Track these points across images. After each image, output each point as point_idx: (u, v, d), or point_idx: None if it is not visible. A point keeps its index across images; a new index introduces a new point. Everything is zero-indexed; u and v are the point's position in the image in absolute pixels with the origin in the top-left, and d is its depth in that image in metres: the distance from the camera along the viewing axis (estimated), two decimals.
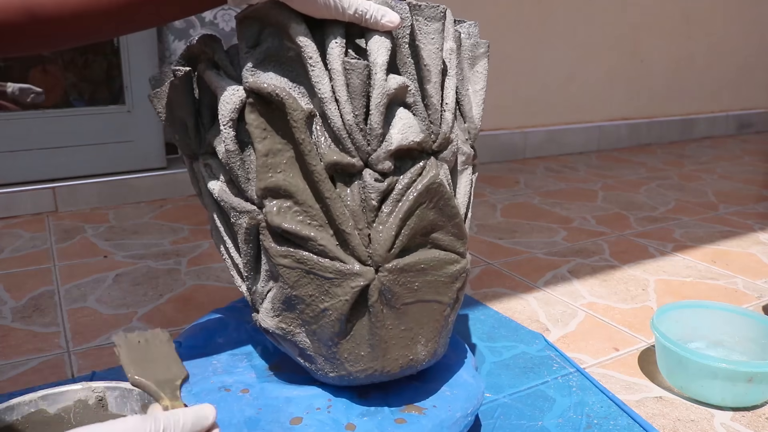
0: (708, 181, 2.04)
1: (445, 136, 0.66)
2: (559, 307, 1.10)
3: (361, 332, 0.64)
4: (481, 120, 0.74)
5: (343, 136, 0.60)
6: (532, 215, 1.62)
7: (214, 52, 0.66)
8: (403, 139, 0.61)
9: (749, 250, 1.39)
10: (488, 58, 0.73)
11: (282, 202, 0.62)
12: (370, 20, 0.60)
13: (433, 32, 0.64)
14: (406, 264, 0.63)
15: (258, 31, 0.63)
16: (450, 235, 0.66)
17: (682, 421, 0.79)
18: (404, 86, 0.62)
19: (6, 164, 1.54)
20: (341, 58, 0.60)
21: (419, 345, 0.66)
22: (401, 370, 0.67)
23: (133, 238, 1.39)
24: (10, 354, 0.91)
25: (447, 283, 0.66)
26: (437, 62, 0.64)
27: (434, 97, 0.65)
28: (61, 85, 1.70)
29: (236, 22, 0.64)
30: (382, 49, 0.61)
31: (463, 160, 0.71)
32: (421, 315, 0.66)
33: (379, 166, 0.61)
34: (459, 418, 0.66)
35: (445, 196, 0.64)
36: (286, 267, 0.63)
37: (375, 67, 0.60)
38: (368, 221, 0.62)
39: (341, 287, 0.62)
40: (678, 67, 2.69)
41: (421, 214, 0.63)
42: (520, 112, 2.27)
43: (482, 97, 0.73)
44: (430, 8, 0.63)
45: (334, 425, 0.64)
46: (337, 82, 0.60)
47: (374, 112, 0.60)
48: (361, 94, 0.60)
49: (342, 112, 0.60)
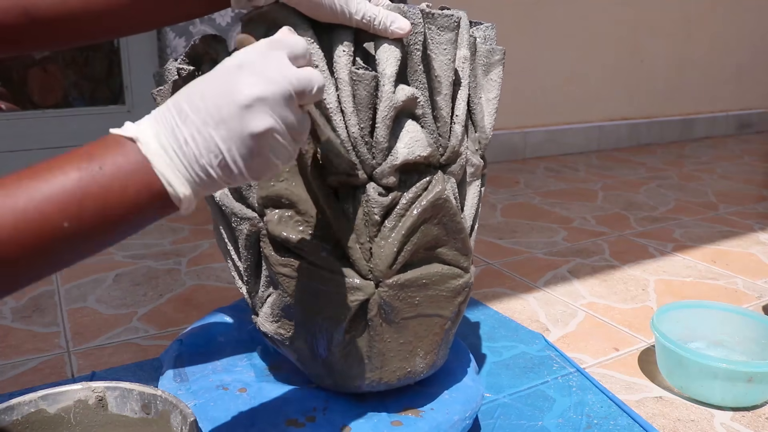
0: (708, 181, 2.04)
1: (453, 149, 0.64)
2: (559, 307, 1.09)
3: (360, 344, 0.64)
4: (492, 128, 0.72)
5: (348, 148, 0.59)
6: (532, 215, 1.62)
7: (217, 53, 0.65)
8: (409, 154, 0.60)
9: (749, 250, 1.39)
10: (503, 65, 0.70)
11: (283, 211, 0.61)
12: (379, 27, 0.57)
13: (445, 42, 0.61)
14: (407, 280, 0.62)
15: (264, 34, 0.61)
16: (454, 250, 0.65)
17: (682, 421, 0.79)
18: (413, 98, 0.60)
19: (6, 164, 1.54)
20: (348, 68, 0.58)
21: (418, 357, 0.66)
22: (399, 381, 0.66)
23: (133, 238, 1.39)
24: (10, 354, 0.91)
25: (449, 298, 0.65)
26: (448, 74, 0.62)
27: (444, 110, 0.63)
28: (60, 84, 1.70)
29: (241, 24, 0.62)
30: (391, 59, 0.58)
31: (472, 172, 0.69)
32: (421, 329, 0.65)
33: (384, 181, 0.60)
34: (456, 421, 0.66)
35: (450, 211, 0.62)
36: (286, 276, 0.62)
37: (383, 78, 0.58)
38: (370, 236, 0.61)
39: (341, 299, 0.61)
40: (678, 67, 2.69)
41: (425, 230, 0.62)
42: (520, 112, 2.27)
43: (495, 106, 0.70)
44: (443, 17, 0.61)
45: (330, 427, 0.64)
46: (343, 93, 0.58)
47: (380, 125, 0.58)
48: (368, 106, 0.58)
49: (347, 123, 0.58)
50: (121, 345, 0.94)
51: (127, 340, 0.96)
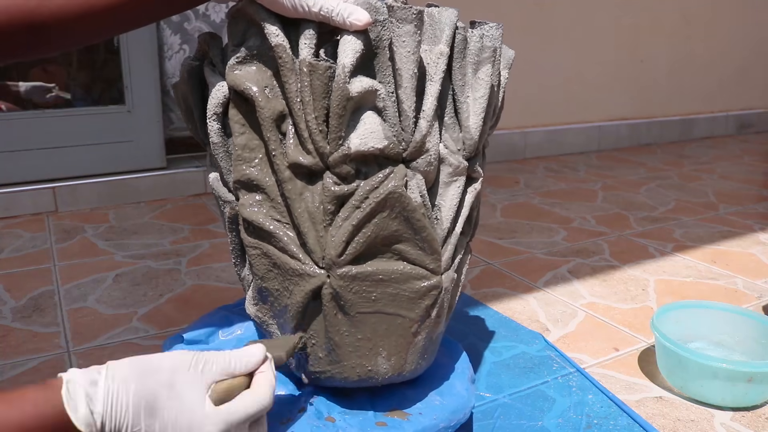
0: (708, 181, 2.04)
1: (417, 144, 0.63)
2: (559, 307, 1.10)
3: (320, 335, 0.64)
4: (480, 129, 0.69)
5: (305, 137, 0.60)
6: (532, 215, 1.62)
7: (210, 49, 0.68)
8: (361, 144, 0.60)
9: (749, 250, 1.39)
10: (493, 64, 0.68)
11: (254, 195, 0.64)
12: (337, 19, 0.58)
13: (404, 35, 0.61)
14: (360, 272, 0.61)
15: (244, 29, 0.64)
16: (418, 249, 0.64)
17: (682, 421, 0.79)
18: (372, 90, 0.60)
19: (6, 164, 1.54)
20: (307, 59, 0.59)
21: (380, 357, 0.65)
22: (360, 380, 0.66)
23: (133, 238, 1.39)
24: (10, 354, 0.91)
25: (412, 299, 0.64)
26: (409, 66, 0.62)
27: (406, 103, 0.63)
28: (61, 85, 1.70)
29: (227, 20, 0.65)
30: (348, 50, 0.59)
31: (450, 172, 0.67)
32: (381, 327, 0.64)
33: (337, 170, 0.60)
34: (442, 428, 0.65)
35: (408, 206, 0.62)
36: (256, 258, 0.64)
37: (338, 68, 0.59)
38: (325, 225, 0.61)
39: (297, 286, 0.62)
40: (678, 67, 2.69)
41: (380, 223, 0.61)
42: (520, 112, 2.27)
43: (483, 105, 0.69)
44: (402, 9, 0.61)
45: (315, 414, 0.65)
46: (302, 82, 0.59)
47: (332, 114, 0.59)
48: (322, 95, 0.59)
49: (305, 111, 0.60)
50: (121, 345, 0.94)
51: (127, 340, 0.96)
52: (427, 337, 0.67)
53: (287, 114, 0.62)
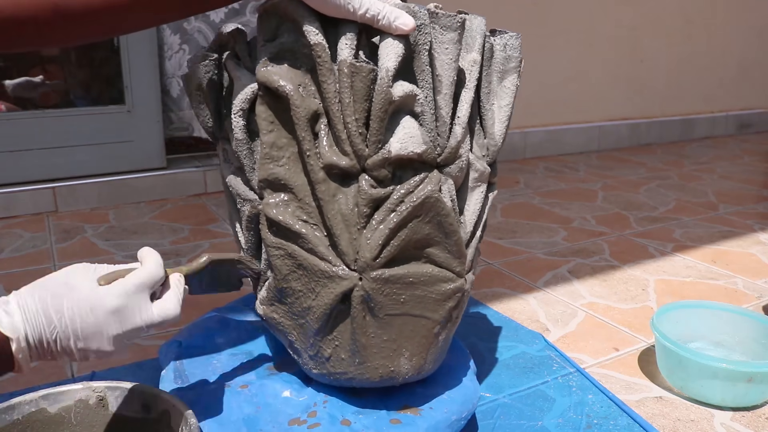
0: (708, 181, 2.04)
1: (452, 150, 0.64)
2: (559, 307, 1.10)
3: (344, 336, 0.64)
4: (504, 136, 0.70)
5: (343, 138, 0.60)
6: (532, 215, 1.62)
7: (236, 43, 0.67)
8: (401, 149, 0.60)
9: (749, 250, 1.39)
10: (519, 74, 0.70)
11: (281, 195, 0.62)
12: (383, 22, 0.58)
13: (447, 42, 0.62)
14: (392, 275, 0.62)
15: (276, 25, 0.63)
16: (446, 252, 0.64)
17: (682, 421, 0.79)
18: (412, 95, 0.61)
19: (6, 164, 1.54)
20: (348, 59, 0.59)
21: (402, 358, 0.65)
22: (381, 380, 0.66)
23: (133, 238, 1.39)
24: None
25: (438, 301, 0.65)
26: (449, 73, 0.62)
27: (443, 109, 0.63)
28: (61, 84, 1.70)
29: (257, 15, 0.64)
30: (391, 54, 0.59)
31: (476, 177, 0.69)
32: (407, 328, 0.64)
33: (375, 173, 0.60)
34: (454, 421, 0.66)
35: (442, 211, 0.62)
36: (279, 258, 0.63)
37: (381, 71, 0.58)
38: (359, 227, 0.61)
39: (326, 287, 0.62)
40: (678, 67, 2.69)
41: (414, 227, 0.62)
42: (520, 111, 2.26)
43: (507, 113, 0.70)
44: (446, 17, 0.61)
45: (330, 420, 0.64)
46: (343, 84, 0.59)
47: (373, 117, 0.59)
48: (364, 98, 0.59)
49: (344, 113, 0.59)
50: None
51: None
52: (446, 337, 0.68)
53: (321, 114, 0.61)
